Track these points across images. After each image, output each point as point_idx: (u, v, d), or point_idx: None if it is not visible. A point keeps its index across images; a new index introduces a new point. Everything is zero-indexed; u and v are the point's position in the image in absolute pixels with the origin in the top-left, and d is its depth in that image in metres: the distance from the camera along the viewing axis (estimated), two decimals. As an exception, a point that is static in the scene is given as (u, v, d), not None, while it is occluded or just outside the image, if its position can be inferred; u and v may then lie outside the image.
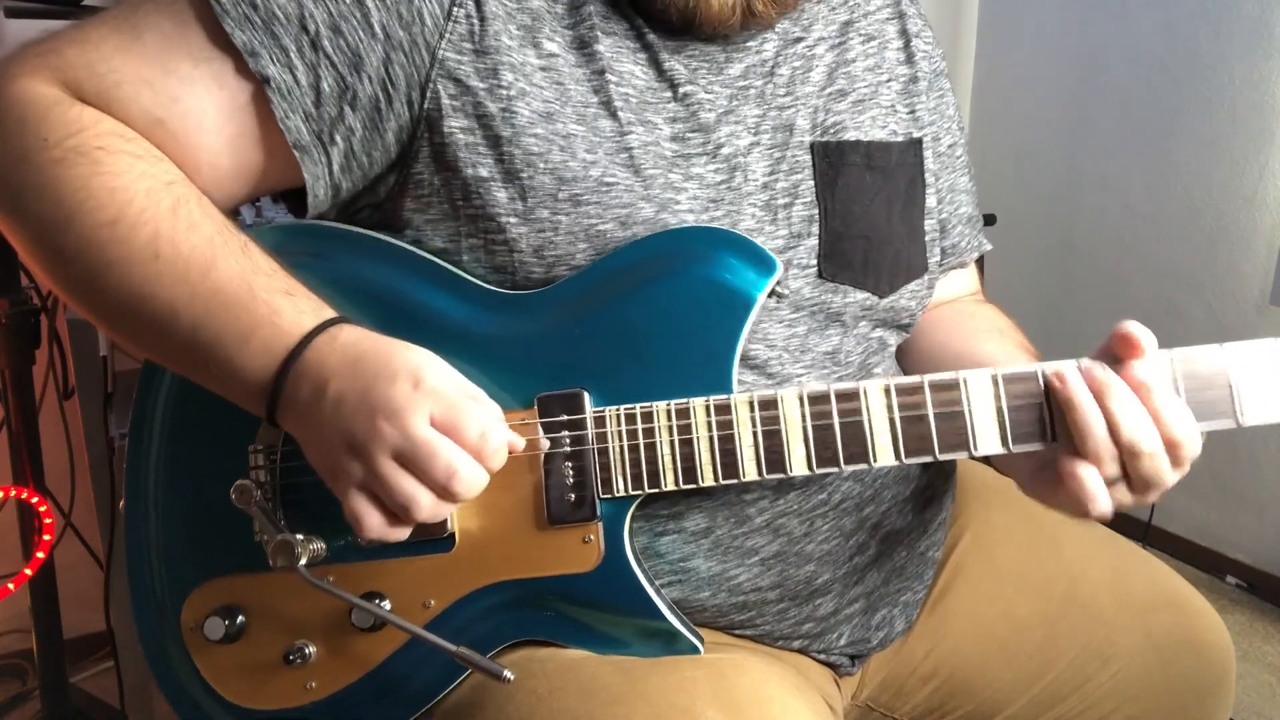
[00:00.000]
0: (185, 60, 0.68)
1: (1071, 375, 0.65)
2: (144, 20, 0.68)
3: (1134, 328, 0.65)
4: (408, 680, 0.72)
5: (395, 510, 0.63)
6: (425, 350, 0.65)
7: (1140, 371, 0.65)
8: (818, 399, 0.68)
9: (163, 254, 0.64)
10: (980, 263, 1.00)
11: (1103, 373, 0.65)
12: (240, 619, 0.73)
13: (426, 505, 0.62)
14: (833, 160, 0.79)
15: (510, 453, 0.66)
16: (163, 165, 0.67)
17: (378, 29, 0.69)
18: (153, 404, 0.76)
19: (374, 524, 0.63)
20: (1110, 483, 0.66)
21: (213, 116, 0.69)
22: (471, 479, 0.63)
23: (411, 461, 0.62)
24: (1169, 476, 0.66)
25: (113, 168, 0.65)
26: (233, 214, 0.71)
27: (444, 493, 0.62)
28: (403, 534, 0.65)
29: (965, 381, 0.67)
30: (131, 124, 0.67)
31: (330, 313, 0.66)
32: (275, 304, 0.65)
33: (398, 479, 0.62)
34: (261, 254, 0.67)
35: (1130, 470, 0.65)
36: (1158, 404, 0.64)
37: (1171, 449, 0.65)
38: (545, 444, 0.69)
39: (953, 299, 0.96)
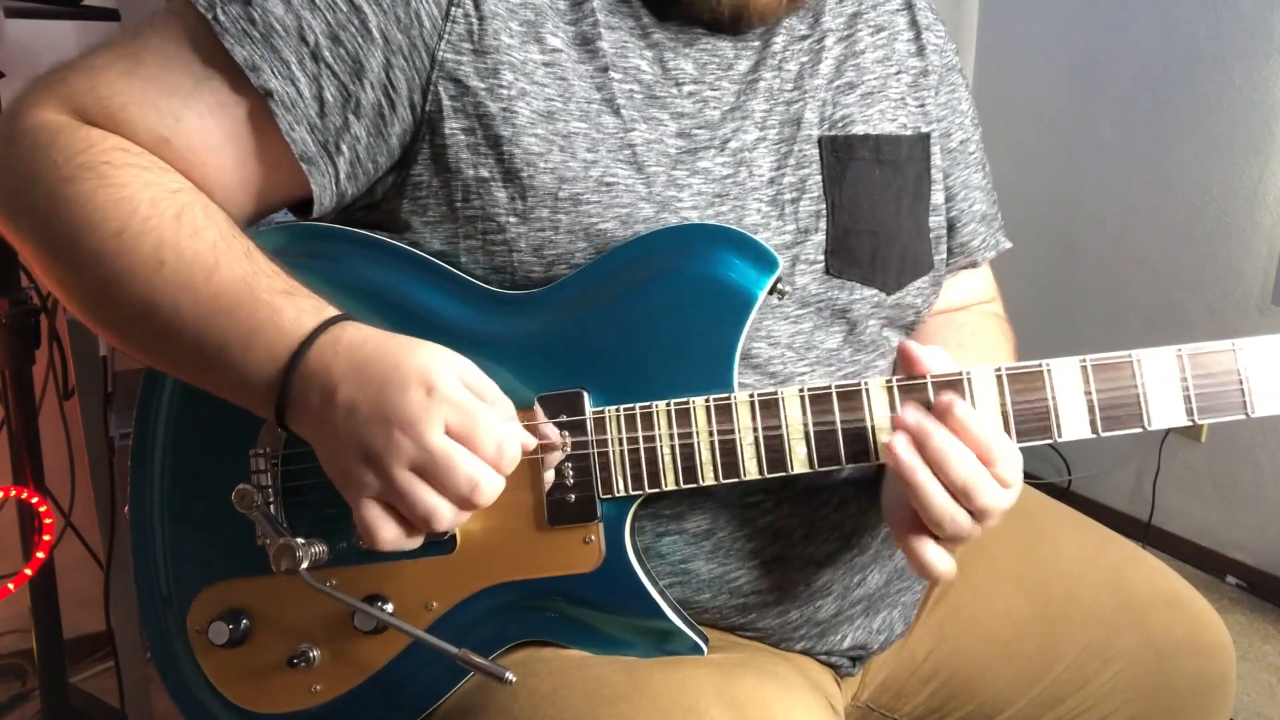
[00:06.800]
0: (186, 80, 0.68)
1: (903, 450, 0.64)
2: (145, 45, 0.69)
3: (914, 347, 0.67)
4: (411, 682, 0.72)
5: (415, 521, 0.62)
6: (431, 346, 0.64)
7: (958, 408, 0.65)
8: (819, 398, 0.68)
9: (167, 261, 0.64)
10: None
11: (919, 423, 0.65)
12: (245, 623, 0.73)
13: (448, 516, 0.62)
14: (840, 154, 0.79)
15: (522, 453, 0.65)
16: (169, 175, 0.67)
17: (376, 34, 0.68)
18: (155, 409, 0.76)
19: (389, 535, 0.63)
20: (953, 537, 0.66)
21: (216, 134, 0.69)
22: (493, 489, 0.62)
23: (430, 473, 0.61)
24: (1004, 501, 0.66)
25: (118, 180, 0.65)
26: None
27: (465, 503, 0.62)
28: (416, 543, 0.64)
29: (970, 379, 0.67)
30: (138, 144, 0.68)
31: (331, 311, 0.65)
32: (276, 304, 0.64)
33: (418, 491, 0.61)
34: (264, 257, 0.67)
35: (969, 509, 0.65)
36: (975, 435, 0.64)
37: (1002, 482, 0.65)
38: (566, 443, 0.69)
39: (960, 306, 0.95)
